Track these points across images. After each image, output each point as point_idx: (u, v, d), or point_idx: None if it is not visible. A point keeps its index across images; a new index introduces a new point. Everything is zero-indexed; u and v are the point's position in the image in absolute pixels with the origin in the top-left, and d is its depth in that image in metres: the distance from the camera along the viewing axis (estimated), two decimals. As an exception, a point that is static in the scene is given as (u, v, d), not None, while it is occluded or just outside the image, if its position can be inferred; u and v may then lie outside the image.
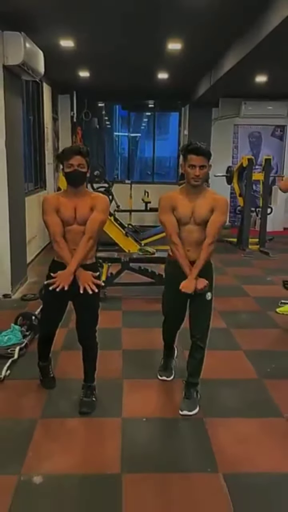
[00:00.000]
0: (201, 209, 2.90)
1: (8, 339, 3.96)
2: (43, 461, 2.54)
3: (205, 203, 2.90)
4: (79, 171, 2.80)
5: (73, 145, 3.00)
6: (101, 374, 3.21)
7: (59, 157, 2.90)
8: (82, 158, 2.80)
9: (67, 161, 2.80)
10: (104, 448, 2.66)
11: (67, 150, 2.89)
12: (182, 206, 2.92)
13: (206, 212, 2.89)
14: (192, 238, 2.94)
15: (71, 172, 2.80)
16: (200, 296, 2.96)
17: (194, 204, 2.90)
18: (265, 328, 4.61)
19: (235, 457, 2.59)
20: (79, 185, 2.87)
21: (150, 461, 2.54)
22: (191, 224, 2.92)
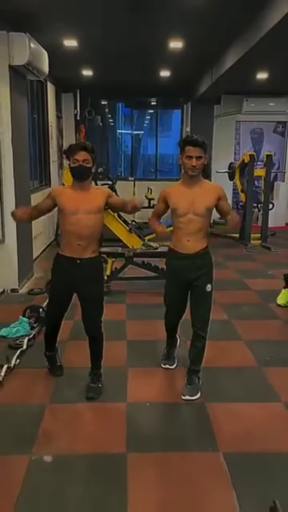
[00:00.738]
0: (203, 198, 3.03)
1: (17, 330, 4.11)
2: (52, 442, 2.69)
3: (207, 192, 3.05)
4: (84, 166, 2.93)
5: (79, 141, 3.14)
6: (106, 362, 3.34)
7: (66, 153, 3.04)
8: (87, 154, 2.93)
9: (72, 156, 2.93)
10: (110, 430, 2.80)
11: (73, 145, 3.04)
12: (178, 197, 3.06)
13: (210, 200, 3.04)
14: (191, 228, 3.05)
15: (76, 167, 2.93)
16: (200, 288, 3.08)
17: (193, 194, 3.03)
18: (265, 319, 4.73)
19: (235, 437, 2.73)
20: (84, 180, 3.00)
21: (153, 442, 2.69)
22: (191, 214, 3.04)
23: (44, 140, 8.05)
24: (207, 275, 3.11)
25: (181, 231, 3.08)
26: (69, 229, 2.99)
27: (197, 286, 3.09)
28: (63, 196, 3.01)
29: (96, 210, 2.98)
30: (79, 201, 2.97)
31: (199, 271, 3.08)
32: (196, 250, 3.07)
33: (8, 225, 5.33)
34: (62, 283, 3.12)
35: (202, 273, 3.09)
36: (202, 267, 3.08)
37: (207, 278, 3.11)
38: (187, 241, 3.07)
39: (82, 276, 3.04)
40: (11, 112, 5.14)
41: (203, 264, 3.09)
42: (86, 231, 2.98)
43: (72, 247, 3.02)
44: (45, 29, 5.44)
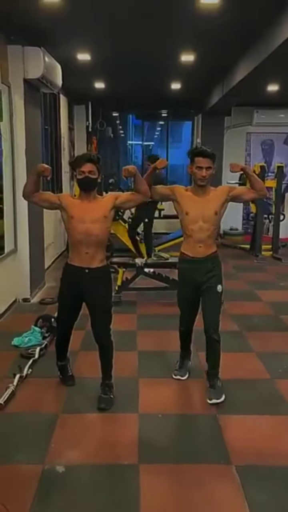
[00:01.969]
0: (211, 204, 3.16)
1: (29, 340, 4.14)
2: (65, 452, 2.69)
3: (214, 198, 3.18)
4: (90, 178, 2.98)
5: (85, 153, 3.19)
6: (118, 373, 3.36)
7: (72, 165, 3.09)
8: (93, 165, 2.98)
9: (79, 168, 2.99)
10: (122, 441, 2.80)
11: (79, 157, 3.10)
12: (190, 202, 3.18)
13: (217, 203, 3.17)
14: (202, 235, 3.18)
15: (82, 178, 2.99)
16: (211, 288, 3.19)
17: (202, 203, 3.16)
18: (277, 331, 4.71)
19: (248, 450, 2.71)
20: (90, 191, 3.06)
21: (165, 453, 2.68)
22: (201, 221, 3.16)
23: (56, 151, 8.14)
24: (217, 276, 3.24)
25: (192, 239, 3.21)
26: (77, 237, 3.04)
27: (208, 287, 3.20)
28: (71, 205, 3.06)
29: (102, 219, 3.04)
30: (86, 210, 3.03)
31: (210, 273, 3.21)
32: (206, 254, 3.21)
33: (21, 235, 5.40)
34: (70, 292, 3.16)
35: (213, 275, 3.22)
36: (212, 270, 3.22)
37: (217, 280, 3.23)
38: (199, 247, 3.21)
39: (90, 285, 3.08)
40: (25, 124, 5.23)
41: (214, 267, 3.24)
42: (94, 239, 3.03)
43: (80, 256, 3.06)
44: (59, 43, 5.54)
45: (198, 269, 3.21)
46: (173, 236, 7.82)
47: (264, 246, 8.35)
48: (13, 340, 4.14)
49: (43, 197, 3.19)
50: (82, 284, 3.09)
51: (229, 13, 4.41)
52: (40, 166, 3.09)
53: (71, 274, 3.15)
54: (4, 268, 5.07)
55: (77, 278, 3.10)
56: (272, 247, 8.40)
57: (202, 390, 3.40)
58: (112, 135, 11.91)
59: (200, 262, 3.21)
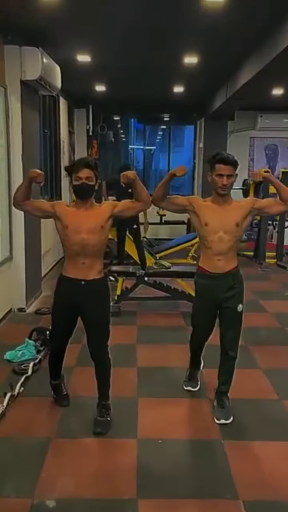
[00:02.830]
0: (232, 215, 2.92)
1: (22, 354, 3.93)
2: (56, 483, 2.46)
3: (236, 209, 2.95)
4: (87, 184, 2.77)
5: (82, 158, 2.98)
6: (115, 392, 3.13)
7: (68, 170, 2.88)
8: (91, 171, 2.77)
9: (75, 174, 2.77)
10: (119, 471, 2.57)
11: (76, 163, 2.88)
12: (209, 212, 2.95)
13: (239, 215, 2.93)
14: (222, 247, 2.94)
15: (79, 185, 2.78)
16: (231, 309, 2.98)
17: (223, 212, 2.92)
18: (284, 345, 4.48)
19: (256, 483, 2.48)
20: (87, 198, 2.84)
21: (166, 486, 2.45)
22: (221, 232, 2.92)
23: (56, 155, 7.96)
24: (238, 294, 3.01)
25: (211, 251, 2.96)
26: (72, 248, 2.84)
27: (228, 307, 2.99)
28: (66, 214, 2.85)
29: (98, 229, 2.83)
30: (82, 219, 2.82)
31: (230, 291, 2.98)
32: (227, 269, 2.97)
33: (17, 242, 5.19)
34: (65, 306, 2.94)
35: (234, 293, 2.99)
36: (234, 287, 2.99)
37: (238, 298, 3.00)
38: (218, 260, 2.95)
39: (87, 298, 2.86)
40: (22, 127, 5.04)
41: (235, 283, 3.00)
42: (90, 249, 2.83)
43: (76, 266, 2.85)
44: (58, 44, 5.36)
45: (218, 286, 2.97)
46: (174, 243, 7.62)
47: (268, 253, 8.14)
48: (6, 354, 3.92)
49: (35, 205, 2.97)
50: (77, 297, 2.87)
51: (234, 12, 4.23)
52: (32, 172, 2.87)
53: (65, 287, 2.93)
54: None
55: (72, 290, 2.88)
56: (276, 255, 8.19)
57: (206, 411, 3.19)
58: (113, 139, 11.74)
59: (219, 279, 2.96)
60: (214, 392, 3.19)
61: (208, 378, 3.48)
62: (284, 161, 10.28)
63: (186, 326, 4.65)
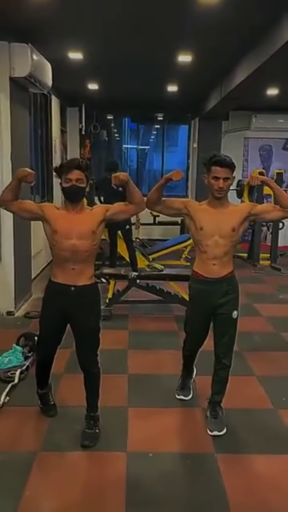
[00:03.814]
0: (228, 219, 2.83)
1: (9, 361, 3.80)
2: (40, 501, 2.35)
3: (232, 213, 2.85)
4: (78, 186, 2.64)
5: (72, 159, 2.83)
6: (105, 401, 3.01)
7: (57, 171, 2.72)
8: (81, 173, 2.64)
9: (65, 175, 2.64)
10: (107, 487, 2.45)
11: (66, 164, 2.74)
12: (205, 216, 2.86)
13: (235, 220, 2.83)
14: (217, 251, 2.84)
15: (69, 187, 2.64)
16: (225, 315, 2.90)
17: (219, 216, 2.83)
18: (279, 351, 4.38)
19: (251, 502, 2.37)
20: (78, 201, 2.71)
21: (156, 504, 2.33)
22: (217, 236, 2.82)
23: (47, 154, 7.82)
24: (233, 301, 2.91)
25: (206, 255, 2.86)
26: (61, 254, 2.69)
27: (222, 314, 2.89)
28: (55, 218, 2.70)
29: (90, 234, 2.69)
30: (72, 224, 2.67)
31: (225, 296, 2.88)
32: (222, 274, 2.87)
33: (6, 243, 5.06)
34: (54, 313, 2.80)
35: (229, 299, 2.89)
36: (228, 293, 2.89)
37: (233, 304, 2.91)
38: (213, 265, 2.86)
39: (77, 305, 2.74)
40: (11, 126, 4.90)
41: (230, 289, 2.90)
42: (81, 256, 2.69)
43: (65, 272, 2.71)
44: (49, 41, 5.23)
45: (212, 292, 2.87)
46: (168, 244, 7.50)
47: (262, 254, 8.05)
48: (-8, 361, 3.79)
49: (23, 206, 2.82)
50: (66, 304, 2.74)
51: (229, 11, 4.13)
52: (21, 171, 2.73)
53: (54, 293, 2.79)
54: (-13, 280, 4.73)
55: (61, 297, 2.75)
56: (270, 256, 8.11)
57: (199, 422, 3.08)
58: (106, 139, 11.62)
59: (214, 284, 2.87)
60: (207, 402, 3.08)
61: (201, 386, 3.38)
62: (279, 162, 10.22)
63: (179, 331, 4.54)
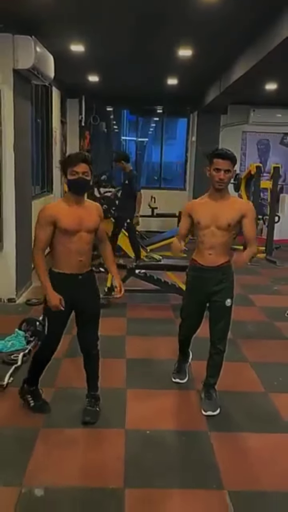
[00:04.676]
0: (226, 213, 2.93)
1: (12, 344, 3.94)
2: (44, 472, 2.49)
3: (230, 207, 2.95)
4: (84, 179, 2.74)
5: (78, 152, 2.91)
6: (104, 383, 3.16)
7: (63, 164, 2.81)
8: (87, 166, 2.75)
9: (71, 168, 2.72)
10: (107, 461, 2.61)
11: (73, 157, 2.81)
12: (202, 209, 2.99)
13: (232, 216, 2.93)
14: (214, 241, 2.97)
15: (76, 179, 2.73)
16: (219, 302, 3.02)
17: (217, 208, 2.94)
18: (272, 339, 4.54)
19: (241, 474, 2.53)
20: (83, 193, 2.83)
21: (153, 476, 2.49)
22: (213, 227, 2.95)
23: (47, 145, 7.91)
24: (227, 289, 3.04)
25: (203, 245, 3.01)
26: (70, 247, 2.78)
27: (216, 301, 3.03)
28: (61, 216, 2.75)
29: (95, 228, 2.85)
30: (80, 218, 2.77)
31: (219, 285, 3.02)
32: (218, 263, 3.00)
33: (7, 232, 5.18)
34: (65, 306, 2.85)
35: (222, 287, 3.03)
36: (223, 281, 3.02)
37: (227, 293, 3.04)
38: (209, 254, 3.00)
39: (84, 291, 2.89)
40: (14, 116, 5.00)
41: (224, 278, 3.03)
42: (87, 247, 2.83)
43: (71, 264, 2.81)
44: (52, 33, 5.31)
45: (207, 279, 3.01)
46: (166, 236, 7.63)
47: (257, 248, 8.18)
48: (-5, 345, 3.93)
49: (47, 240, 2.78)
50: (75, 291, 2.85)
51: (229, 6, 4.23)
52: (54, 304, 2.77)
53: (62, 282, 2.83)
54: (-11, 267, 4.85)
55: (69, 285, 2.83)
56: (266, 249, 8.25)
57: (194, 403, 3.24)
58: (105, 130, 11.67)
59: (209, 272, 3.00)
60: (202, 384, 3.24)
61: (197, 370, 3.53)
62: (276, 156, 10.33)
63: (175, 319, 4.69)
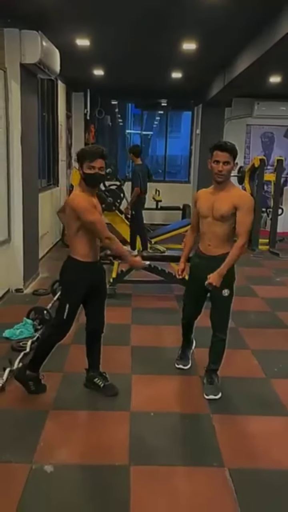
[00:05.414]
0: (221, 204, 2.98)
1: (20, 332, 4.06)
2: (53, 451, 2.62)
3: (226, 199, 2.97)
4: (100, 174, 2.87)
5: (95, 147, 2.96)
6: (110, 368, 3.31)
7: (80, 157, 2.87)
8: (103, 161, 2.86)
9: (89, 163, 2.81)
10: (113, 440, 2.73)
11: (91, 151, 2.87)
12: (203, 199, 3.10)
13: (226, 208, 2.96)
14: (212, 232, 3.05)
15: (93, 174, 2.83)
16: (217, 293, 3.11)
17: (215, 199, 3.02)
18: (273, 328, 4.65)
19: (241, 452, 2.65)
20: (97, 187, 3.03)
21: (157, 454, 2.61)
22: (210, 218, 3.04)
23: (53, 139, 8.00)
24: (225, 279, 3.02)
25: (204, 235, 3.13)
26: (93, 237, 2.96)
27: (213, 291, 3.09)
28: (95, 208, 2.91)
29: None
30: (98, 207, 2.98)
31: None
32: (217, 253, 3.07)
33: (15, 224, 5.29)
34: (85, 290, 3.01)
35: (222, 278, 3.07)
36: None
37: (224, 283, 3.02)
38: (208, 245, 3.10)
39: (100, 276, 3.12)
40: (21, 110, 5.09)
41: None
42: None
43: (95, 251, 3.00)
44: (58, 28, 5.37)
45: (206, 267, 3.04)
46: (170, 228, 7.74)
47: (261, 240, 8.27)
48: (4, 332, 4.06)
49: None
50: (95, 277, 3.06)
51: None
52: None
53: (89, 271, 2.99)
54: (-3, 258, 4.97)
55: (92, 272, 3.02)
56: (269, 242, 8.33)
57: (197, 388, 3.35)
58: (110, 124, 11.74)
59: (208, 260, 3.08)
60: (205, 370, 3.36)
61: (200, 358, 3.63)
62: (280, 149, 10.36)
63: (179, 309, 4.76)
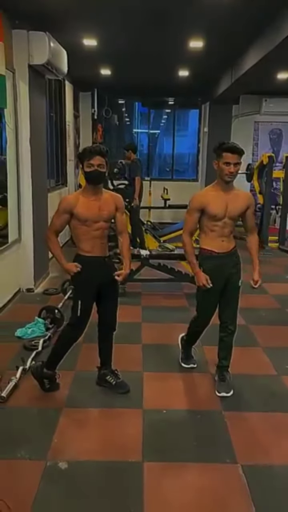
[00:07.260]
0: (236, 205, 3.11)
1: (32, 331, 4.10)
2: (67, 447, 2.65)
3: (239, 199, 3.13)
4: (99, 171, 2.89)
5: (94, 145, 3.06)
6: (122, 366, 3.33)
7: (80, 156, 2.98)
8: (102, 158, 2.89)
9: (87, 161, 2.88)
10: (126, 437, 2.75)
11: (88, 150, 2.95)
12: (216, 202, 3.09)
13: (241, 207, 3.14)
14: (226, 231, 3.15)
15: (92, 171, 2.89)
16: (234, 283, 3.20)
17: (229, 200, 3.09)
18: (283, 325, 4.64)
19: (254, 449, 2.66)
20: (99, 184, 2.99)
21: (170, 451, 2.63)
22: (226, 218, 3.11)
23: (61, 139, 8.04)
24: (240, 270, 3.23)
25: (215, 233, 3.15)
26: (94, 234, 3.00)
27: (231, 283, 3.20)
28: (80, 207, 2.93)
29: (110, 217, 3.05)
30: (97, 209, 2.96)
31: (235, 267, 3.22)
32: (230, 248, 3.20)
33: (25, 224, 5.33)
34: (94, 284, 3.06)
35: (237, 269, 3.21)
36: (237, 263, 3.23)
37: (240, 274, 3.23)
38: (222, 241, 3.16)
39: (110, 272, 3.12)
40: (30, 111, 5.13)
41: (237, 260, 3.24)
42: (106, 232, 3.09)
43: (96, 246, 3.03)
44: (65, 28, 5.41)
45: (225, 264, 3.17)
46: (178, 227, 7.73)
47: (270, 237, 8.24)
48: (16, 331, 4.10)
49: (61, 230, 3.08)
50: (103, 273, 3.09)
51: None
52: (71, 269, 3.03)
53: (94, 265, 3.04)
54: (8, 258, 5.01)
55: (99, 267, 3.07)
56: (279, 239, 8.29)
57: (207, 385, 3.36)
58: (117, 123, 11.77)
59: (226, 257, 3.18)
60: (216, 367, 3.37)
61: (210, 355, 3.65)
62: (288, 145, 10.31)
63: (189, 307, 4.83)
